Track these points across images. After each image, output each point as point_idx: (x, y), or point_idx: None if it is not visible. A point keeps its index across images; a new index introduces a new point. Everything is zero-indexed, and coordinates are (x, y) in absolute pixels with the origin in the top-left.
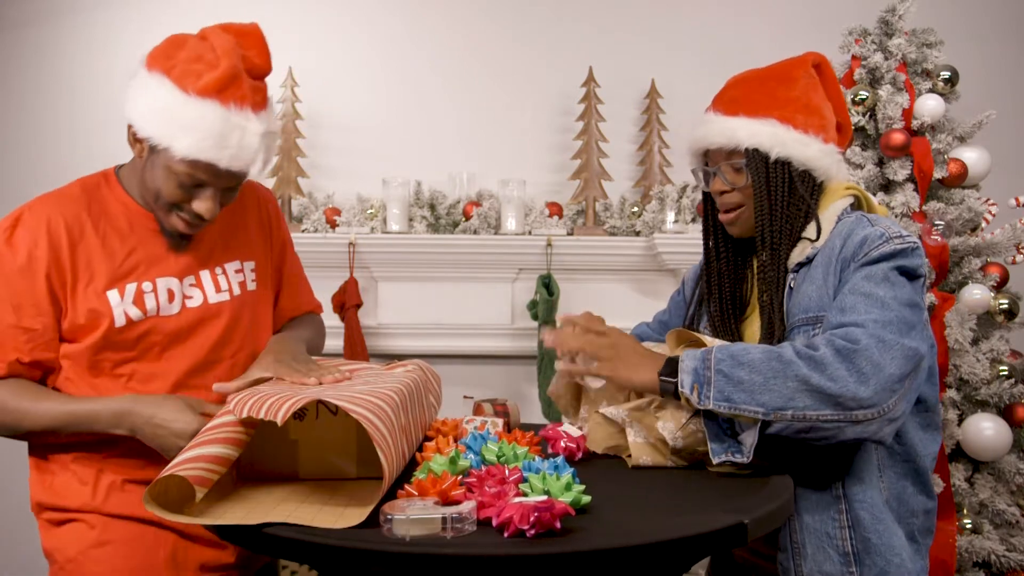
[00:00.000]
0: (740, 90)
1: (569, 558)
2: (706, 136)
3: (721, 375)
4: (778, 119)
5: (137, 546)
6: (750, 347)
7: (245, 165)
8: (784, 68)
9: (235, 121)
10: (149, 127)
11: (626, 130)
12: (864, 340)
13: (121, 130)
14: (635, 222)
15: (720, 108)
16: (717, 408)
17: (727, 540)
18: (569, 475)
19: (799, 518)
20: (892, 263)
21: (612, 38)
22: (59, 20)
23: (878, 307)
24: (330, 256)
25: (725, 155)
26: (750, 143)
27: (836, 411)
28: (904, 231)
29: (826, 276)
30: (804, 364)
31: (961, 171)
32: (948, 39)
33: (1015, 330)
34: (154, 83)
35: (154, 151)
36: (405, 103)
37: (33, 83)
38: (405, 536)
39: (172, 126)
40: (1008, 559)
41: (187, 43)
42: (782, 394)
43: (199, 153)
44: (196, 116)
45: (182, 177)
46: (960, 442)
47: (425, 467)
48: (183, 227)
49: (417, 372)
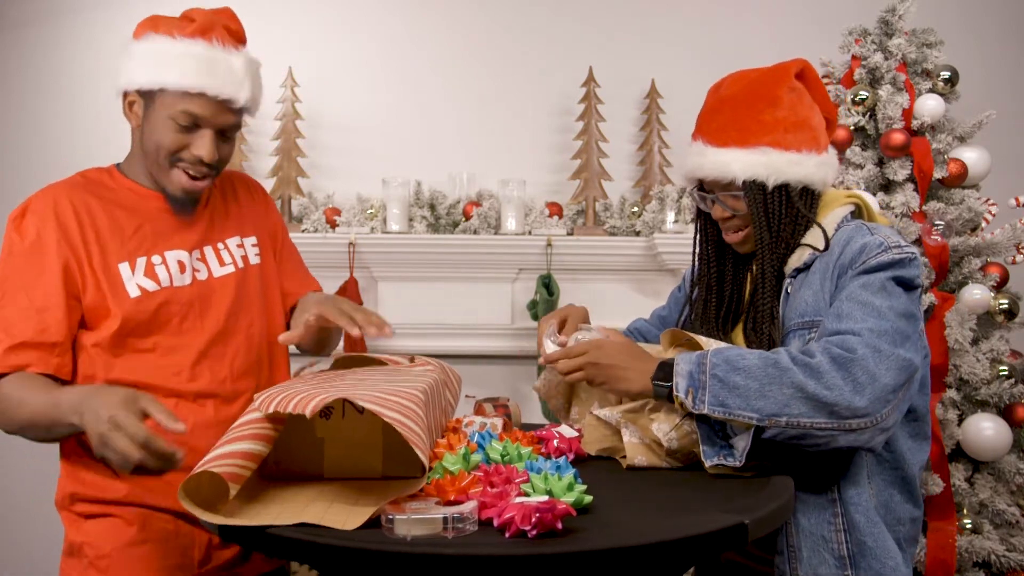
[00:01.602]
0: (726, 117)
1: (570, 558)
2: (700, 169)
3: (716, 380)
4: (770, 145)
5: (174, 546)
6: (746, 352)
7: (234, 92)
8: (767, 87)
9: (220, 55)
10: (140, 76)
11: (626, 130)
12: (860, 349)
13: (120, 131)
14: (635, 222)
15: (709, 138)
16: (712, 413)
17: (728, 540)
18: (571, 475)
19: (795, 521)
20: (890, 273)
21: (612, 38)
22: (59, 20)
23: (874, 316)
24: (330, 256)
25: (722, 186)
26: (745, 175)
27: (830, 419)
28: (903, 241)
29: (823, 282)
30: (800, 371)
31: (961, 171)
32: (948, 39)
33: (1015, 330)
34: (142, 43)
35: (149, 102)
36: (405, 103)
37: (33, 83)
38: (407, 536)
39: (162, 66)
40: (1008, 559)
41: (162, 17)
42: (777, 400)
43: (191, 81)
44: (183, 52)
45: (178, 118)
46: (960, 442)
47: (439, 467)
48: (187, 181)
49: (438, 372)
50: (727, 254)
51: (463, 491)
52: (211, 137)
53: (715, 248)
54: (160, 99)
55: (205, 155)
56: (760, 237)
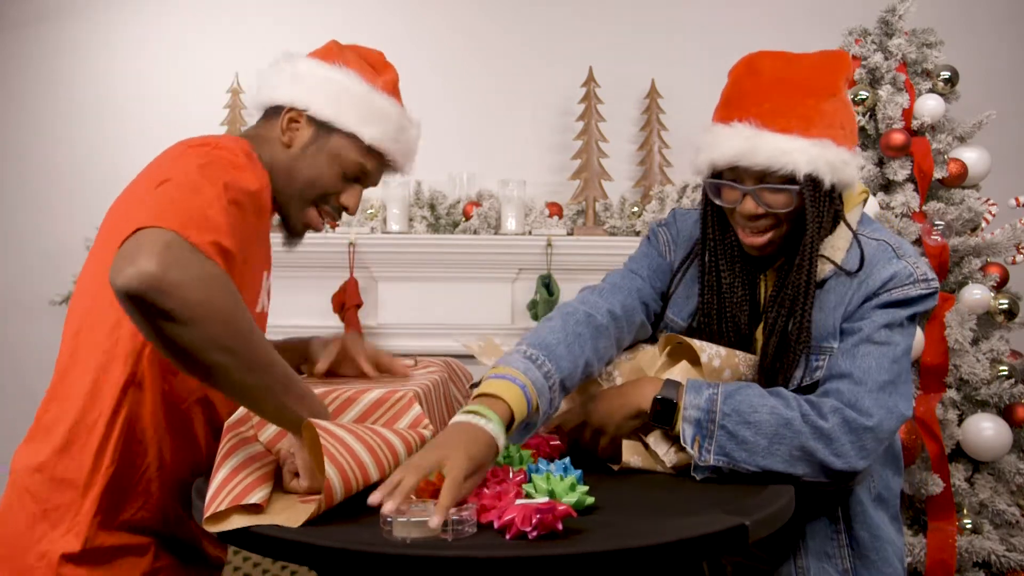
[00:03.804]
0: (784, 101)
1: (571, 560)
2: (751, 154)
3: (725, 432)
4: (831, 138)
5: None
6: (756, 402)
7: (407, 163)
8: (827, 75)
9: (405, 120)
10: (325, 108)
11: (626, 130)
12: (876, 415)
13: (121, 130)
14: (635, 222)
15: (763, 121)
16: (716, 463)
17: (728, 542)
18: (574, 477)
19: (804, 544)
20: (913, 309)
21: (612, 38)
22: (59, 20)
23: (888, 361)
24: (330, 256)
25: (774, 178)
26: (808, 169)
27: (829, 479)
28: (929, 272)
29: (838, 306)
30: (811, 435)
31: (961, 171)
32: (948, 39)
33: (1015, 330)
34: (332, 70)
35: (322, 135)
36: (405, 103)
37: (33, 83)
38: (405, 538)
39: (360, 112)
40: (1008, 559)
41: (344, 48)
42: (783, 460)
43: (383, 143)
44: (383, 107)
45: (349, 168)
46: (960, 442)
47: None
48: (317, 222)
49: (442, 371)
50: (737, 257)
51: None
52: (361, 191)
53: (725, 250)
54: (338, 139)
55: (352, 207)
56: (811, 240)
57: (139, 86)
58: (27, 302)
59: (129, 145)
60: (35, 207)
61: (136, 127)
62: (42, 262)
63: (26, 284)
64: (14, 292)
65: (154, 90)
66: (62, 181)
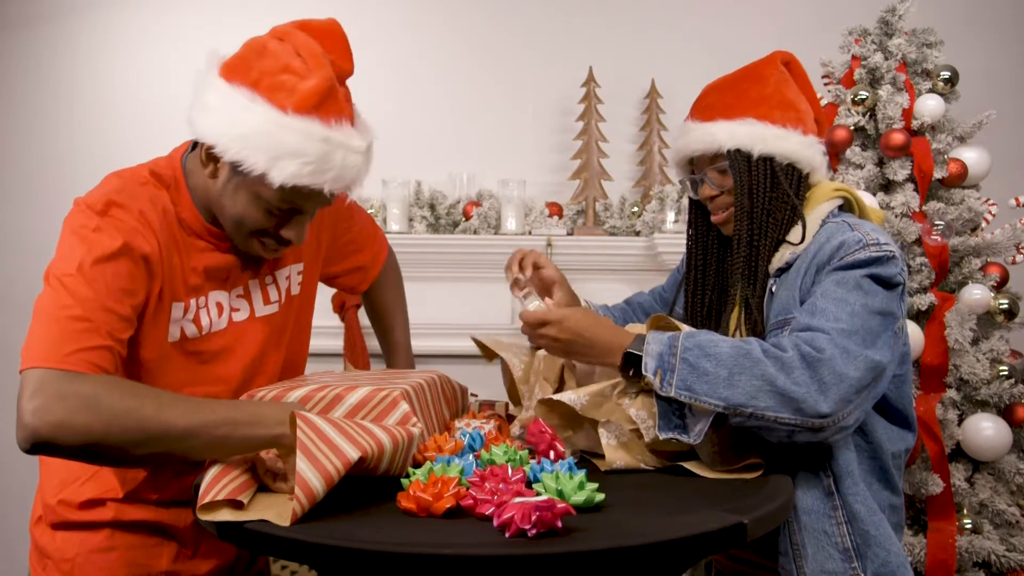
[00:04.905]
0: (714, 96)
1: (570, 558)
2: (687, 144)
3: (686, 364)
4: (755, 117)
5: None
6: (718, 339)
7: (347, 186)
8: (754, 68)
9: (337, 140)
10: (238, 151)
11: (626, 130)
12: (829, 350)
13: (120, 130)
14: (635, 222)
15: (698, 116)
16: (678, 396)
17: (727, 540)
18: (582, 475)
19: (796, 519)
20: (866, 270)
21: (612, 38)
22: (59, 20)
23: (846, 314)
24: None
25: (709, 160)
26: (731, 144)
27: (795, 416)
28: (883, 238)
29: (797, 279)
30: (771, 364)
31: (961, 171)
32: (948, 39)
33: (1015, 330)
34: (239, 98)
35: (239, 175)
36: (405, 103)
37: (33, 83)
38: None
39: (269, 151)
40: (1008, 559)
41: (267, 49)
42: (745, 391)
43: (300, 179)
44: (298, 139)
45: (274, 204)
46: (960, 442)
47: (427, 468)
48: (264, 253)
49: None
50: (715, 245)
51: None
52: (305, 220)
53: (705, 239)
54: (257, 180)
55: (295, 239)
56: (739, 210)
57: (139, 86)
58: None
59: (129, 145)
60: (35, 207)
61: (136, 127)
62: (41, 262)
63: (26, 284)
64: (14, 292)
65: (154, 90)
66: (62, 181)
